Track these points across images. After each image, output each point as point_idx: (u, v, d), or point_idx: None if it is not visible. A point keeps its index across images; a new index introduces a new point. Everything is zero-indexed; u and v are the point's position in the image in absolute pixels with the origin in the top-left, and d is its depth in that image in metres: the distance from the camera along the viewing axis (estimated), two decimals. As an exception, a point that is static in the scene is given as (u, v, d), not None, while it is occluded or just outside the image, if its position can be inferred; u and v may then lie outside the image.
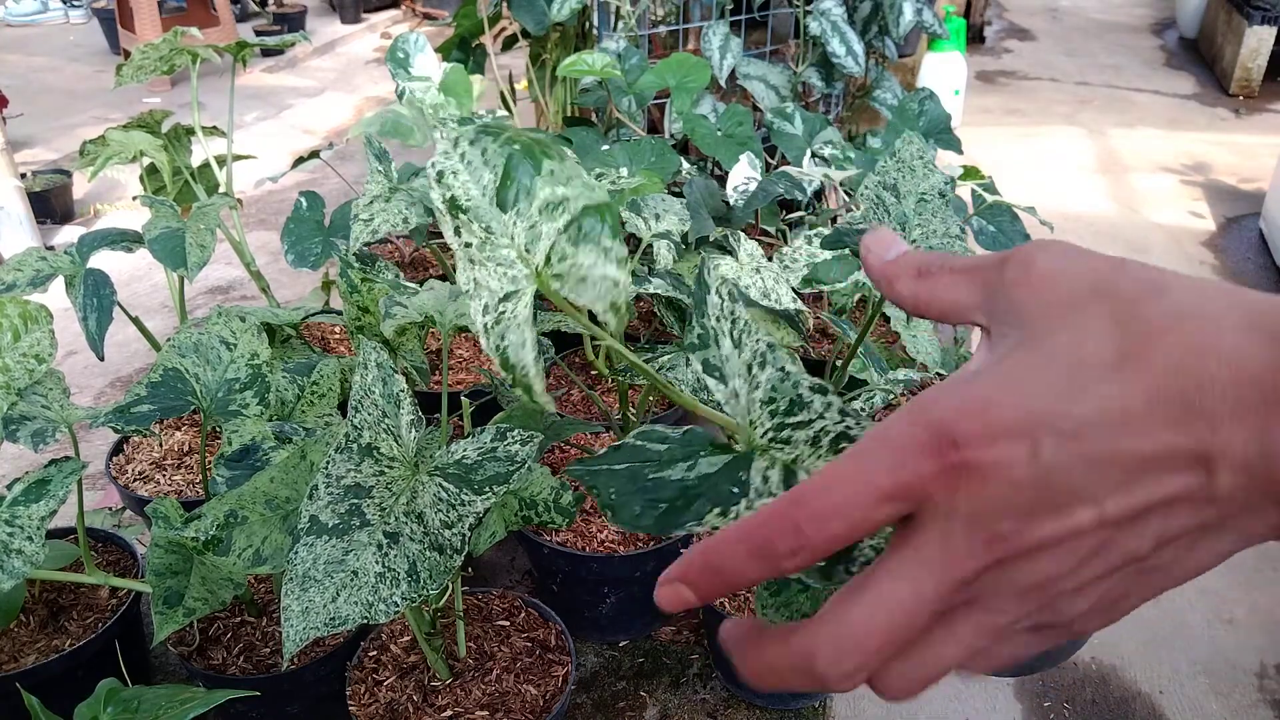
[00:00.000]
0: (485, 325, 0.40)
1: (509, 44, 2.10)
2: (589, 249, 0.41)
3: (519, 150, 0.41)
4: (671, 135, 1.93)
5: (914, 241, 0.67)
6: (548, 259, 0.41)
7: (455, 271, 0.40)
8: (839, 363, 1.45)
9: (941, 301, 0.30)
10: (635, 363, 0.43)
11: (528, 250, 0.41)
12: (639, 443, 0.37)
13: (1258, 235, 2.62)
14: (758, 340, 0.37)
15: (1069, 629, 0.27)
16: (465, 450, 0.74)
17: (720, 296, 0.38)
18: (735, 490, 0.35)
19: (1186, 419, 0.23)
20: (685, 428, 0.37)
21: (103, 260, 1.18)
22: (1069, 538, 0.24)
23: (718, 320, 0.38)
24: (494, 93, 1.97)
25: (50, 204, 2.63)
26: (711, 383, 0.36)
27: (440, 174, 0.42)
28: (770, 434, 0.36)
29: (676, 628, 1.38)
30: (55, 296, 1.60)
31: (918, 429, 0.25)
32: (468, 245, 0.41)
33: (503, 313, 0.40)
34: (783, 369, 0.36)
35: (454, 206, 0.41)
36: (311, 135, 3.47)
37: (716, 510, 0.34)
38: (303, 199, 1.43)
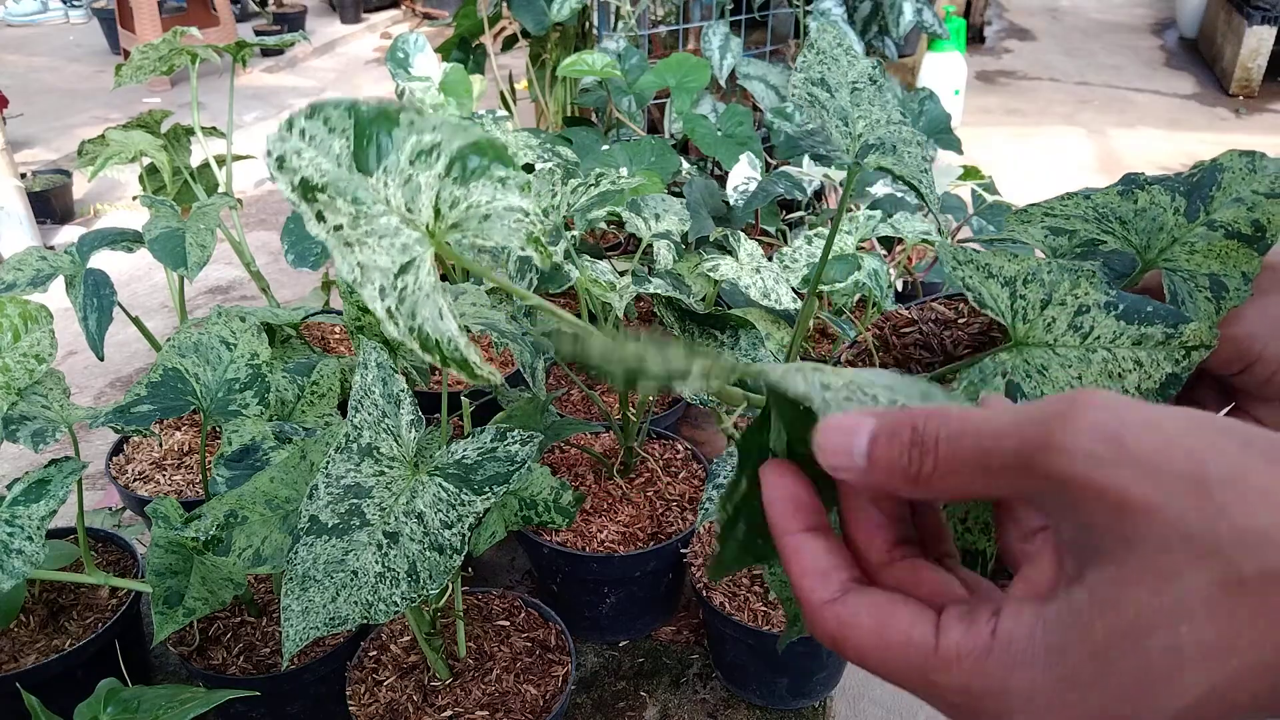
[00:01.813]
0: (389, 310, 0.34)
1: (509, 44, 2.10)
2: (482, 184, 0.35)
3: (366, 113, 0.35)
4: (671, 135, 1.93)
5: (860, 135, 0.63)
6: (436, 211, 0.35)
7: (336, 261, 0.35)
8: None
9: (961, 499, 0.27)
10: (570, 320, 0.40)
11: (410, 209, 0.35)
12: (729, 506, 0.31)
13: (1258, 235, 2.62)
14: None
15: None
16: (465, 450, 0.74)
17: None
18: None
19: None
20: (735, 452, 0.32)
21: (103, 260, 1.18)
22: None
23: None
24: (494, 93, 1.98)
25: (50, 204, 2.63)
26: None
27: (280, 159, 0.35)
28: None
29: (676, 628, 1.38)
30: (55, 296, 1.60)
31: (971, 703, 0.24)
32: (337, 229, 0.35)
33: (404, 288, 0.34)
34: None
35: (307, 189, 0.35)
36: (311, 135, 3.47)
37: None
38: (303, 199, 1.42)
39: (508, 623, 1.12)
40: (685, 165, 1.63)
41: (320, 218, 0.35)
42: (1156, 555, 0.22)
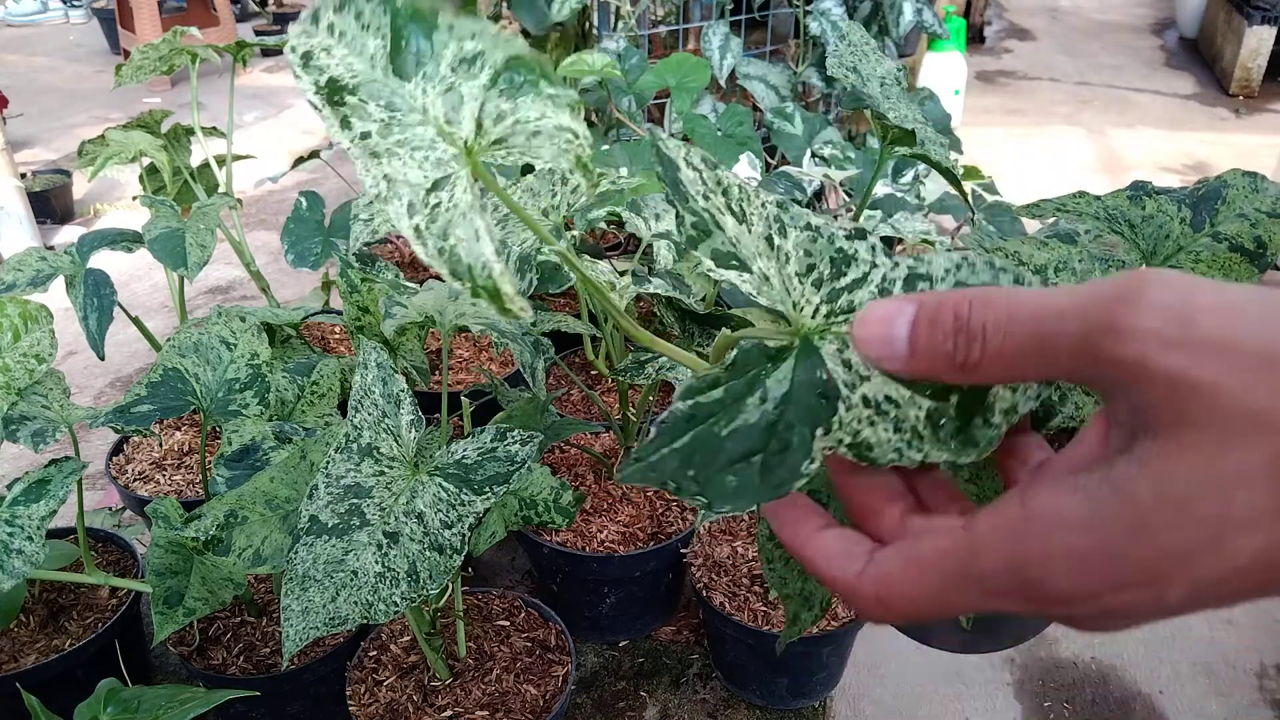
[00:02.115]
0: (416, 228, 0.31)
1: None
2: (531, 99, 0.32)
3: (403, 8, 0.32)
4: (671, 135, 1.93)
5: (890, 120, 0.64)
6: (479, 125, 0.32)
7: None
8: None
9: (1010, 382, 0.27)
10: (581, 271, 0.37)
11: (449, 122, 0.32)
12: (690, 401, 0.28)
13: (1258, 235, 2.62)
14: (763, 205, 0.30)
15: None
16: (465, 450, 0.74)
17: (697, 169, 0.30)
18: (825, 398, 0.28)
19: None
20: (730, 357, 0.30)
21: (103, 260, 1.18)
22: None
23: (706, 199, 0.29)
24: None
25: (50, 204, 2.63)
26: (732, 275, 0.29)
27: (306, 55, 0.32)
28: (825, 309, 0.30)
29: (676, 628, 1.38)
30: (55, 296, 1.61)
31: (1016, 579, 0.24)
32: (365, 136, 0.32)
33: (436, 205, 0.32)
34: (808, 225, 0.30)
35: (335, 90, 0.32)
36: (311, 135, 3.47)
37: (820, 431, 0.28)
38: (303, 199, 1.43)
39: (508, 623, 1.12)
40: (685, 165, 1.63)
41: (346, 124, 0.32)
42: (1216, 429, 0.21)
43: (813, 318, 0.29)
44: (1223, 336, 0.21)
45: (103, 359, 1.12)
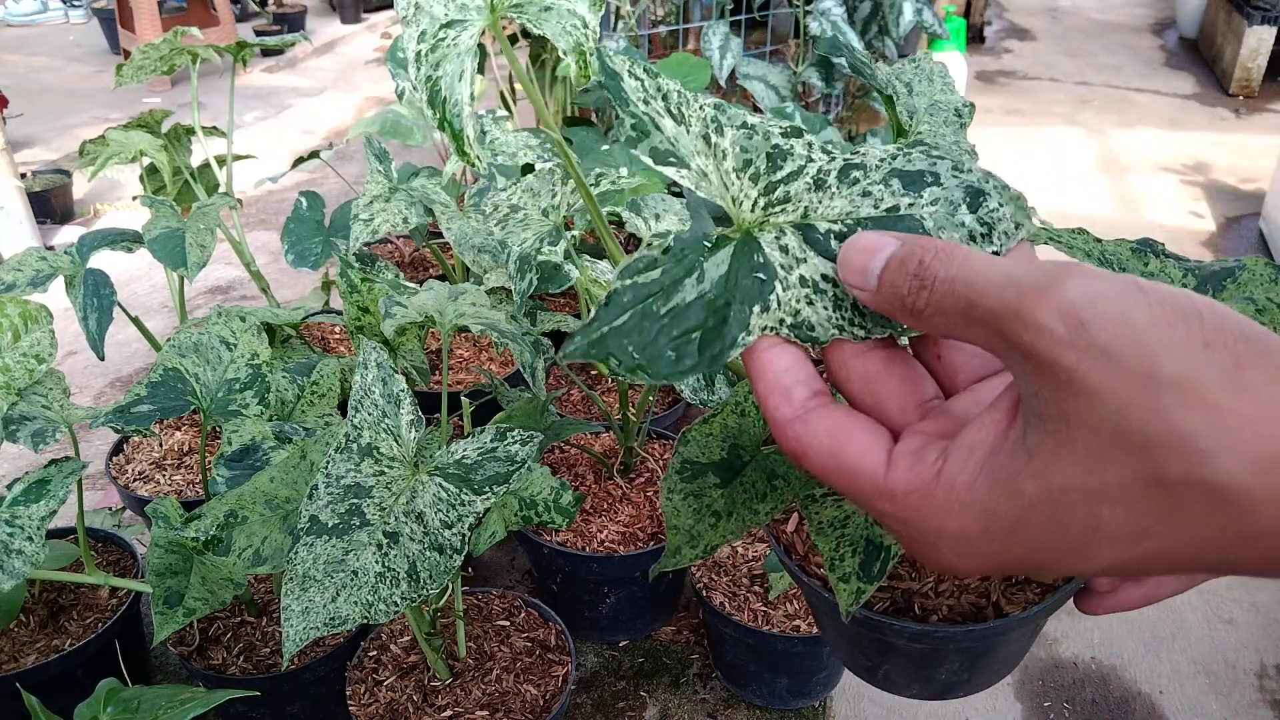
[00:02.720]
0: (419, 53, 0.35)
1: (509, 44, 2.10)
2: None
3: None
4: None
5: (919, 134, 0.64)
6: None
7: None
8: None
9: (950, 338, 0.29)
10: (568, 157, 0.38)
11: None
12: (628, 280, 0.29)
13: (1257, 235, 2.62)
14: (702, 107, 0.31)
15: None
16: (465, 450, 0.74)
17: (639, 78, 0.31)
18: (762, 277, 0.30)
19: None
20: (669, 239, 0.31)
21: (103, 260, 1.18)
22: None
23: (647, 103, 0.31)
24: (494, 93, 1.97)
25: (50, 204, 2.63)
26: (670, 171, 0.31)
27: None
28: (762, 201, 0.31)
29: (676, 628, 1.38)
30: (55, 296, 1.61)
31: (906, 532, 0.27)
32: None
33: (441, 39, 0.35)
34: (744, 124, 0.31)
35: None
36: (311, 135, 3.47)
37: (757, 308, 0.29)
38: (303, 199, 1.43)
39: (508, 623, 1.12)
40: (685, 165, 1.63)
41: None
42: (1093, 439, 0.23)
43: (751, 210, 0.31)
44: (1110, 347, 0.22)
45: (102, 359, 1.13)
